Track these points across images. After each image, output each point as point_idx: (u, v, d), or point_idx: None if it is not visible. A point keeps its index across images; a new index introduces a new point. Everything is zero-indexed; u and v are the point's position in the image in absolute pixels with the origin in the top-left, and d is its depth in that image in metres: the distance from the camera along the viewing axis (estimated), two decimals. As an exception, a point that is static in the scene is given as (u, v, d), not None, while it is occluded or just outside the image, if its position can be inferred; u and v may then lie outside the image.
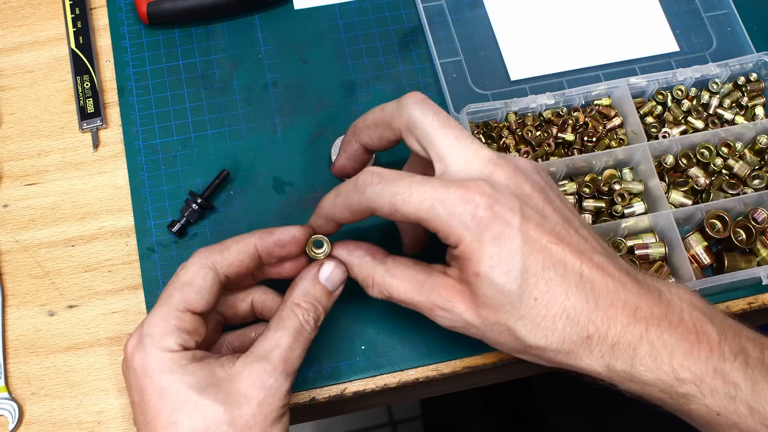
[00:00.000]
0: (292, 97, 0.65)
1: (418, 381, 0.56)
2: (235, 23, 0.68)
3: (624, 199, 0.60)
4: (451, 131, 0.45)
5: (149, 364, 0.43)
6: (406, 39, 0.68)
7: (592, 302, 0.42)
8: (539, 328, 0.43)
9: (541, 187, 0.45)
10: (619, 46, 0.68)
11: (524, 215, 0.42)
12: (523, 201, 0.43)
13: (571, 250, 0.43)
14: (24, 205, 0.61)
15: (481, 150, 0.44)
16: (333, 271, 0.49)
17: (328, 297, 0.49)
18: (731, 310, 0.59)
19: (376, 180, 0.45)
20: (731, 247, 0.59)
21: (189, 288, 0.46)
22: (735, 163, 0.61)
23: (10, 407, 0.55)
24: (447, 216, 0.42)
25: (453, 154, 0.44)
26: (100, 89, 0.65)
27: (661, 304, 0.44)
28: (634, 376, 0.43)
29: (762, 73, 0.65)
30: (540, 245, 0.42)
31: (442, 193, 0.42)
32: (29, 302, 0.58)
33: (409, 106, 0.46)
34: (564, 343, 0.43)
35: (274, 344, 0.45)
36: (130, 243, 0.60)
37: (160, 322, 0.45)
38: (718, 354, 0.43)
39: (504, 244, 0.42)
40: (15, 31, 0.68)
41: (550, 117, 0.63)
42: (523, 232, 0.42)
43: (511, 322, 0.43)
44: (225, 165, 0.62)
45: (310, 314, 0.47)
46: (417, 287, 0.46)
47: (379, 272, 0.48)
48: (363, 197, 0.45)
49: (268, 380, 0.44)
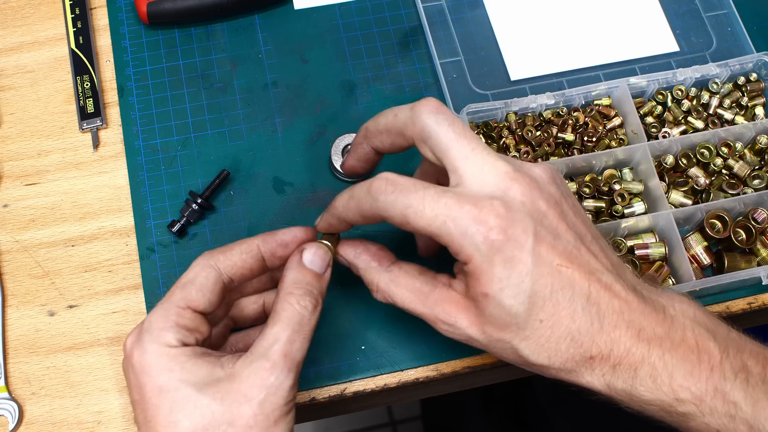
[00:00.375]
0: (292, 97, 0.65)
1: (418, 381, 0.56)
2: (235, 23, 0.68)
3: (624, 199, 0.60)
4: (466, 142, 0.44)
5: (147, 360, 0.43)
6: (406, 39, 0.68)
7: (597, 324, 0.42)
8: (543, 349, 0.43)
9: (556, 201, 0.44)
10: (619, 46, 0.68)
11: (537, 237, 0.42)
12: (538, 220, 0.43)
13: (580, 272, 0.43)
14: (24, 205, 0.61)
15: (498, 162, 0.44)
16: (315, 253, 0.48)
17: (318, 280, 0.48)
18: (731, 310, 0.59)
19: (390, 189, 0.44)
20: (731, 247, 0.59)
21: (190, 286, 0.46)
22: (735, 163, 0.61)
23: (10, 407, 0.55)
24: (459, 235, 0.42)
25: (468, 166, 0.44)
26: (100, 89, 0.65)
27: (664, 322, 0.44)
28: (634, 396, 0.43)
29: (762, 73, 0.65)
30: (550, 268, 0.42)
31: (455, 210, 0.42)
32: (29, 302, 0.58)
33: (424, 114, 0.45)
34: (567, 363, 0.43)
35: (273, 340, 0.44)
36: (130, 243, 0.60)
37: (160, 318, 0.44)
38: (719, 373, 0.43)
39: (515, 267, 0.42)
40: (15, 31, 0.68)
41: (550, 117, 0.63)
42: (534, 255, 0.42)
43: (515, 341, 0.43)
44: (225, 165, 0.62)
45: (306, 299, 0.46)
46: (421, 299, 0.46)
47: (384, 280, 0.48)
48: (375, 205, 0.45)
49: (269, 378, 0.43)
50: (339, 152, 0.62)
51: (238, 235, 0.60)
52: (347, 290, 0.58)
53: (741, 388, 0.43)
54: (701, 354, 0.43)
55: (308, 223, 0.60)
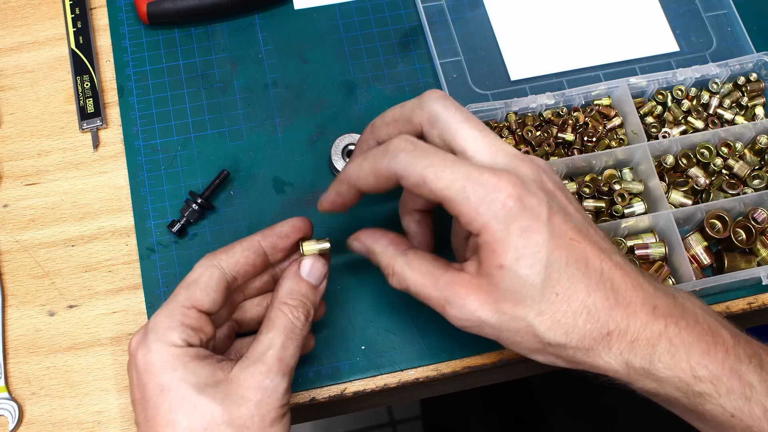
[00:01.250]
0: (292, 97, 0.65)
1: (418, 381, 0.56)
2: (235, 23, 0.68)
3: (624, 199, 0.60)
4: (475, 124, 0.45)
5: (151, 359, 0.44)
6: (406, 39, 0.68)
7: (612, 299, 0.42)
8: (559, 324, 0.42)
9: (561, 187, 0.45)
10: (619, 46, 0.68)
11: (551, 209, 0.42)
12: (550, 196, 0.43)
13: (593, 248, 0.43)
14: (24, 205, 0.61)
15: (505, 146, 0.45)
16: (313, 265, 0.49)
17: (313, 292, 0.49)
18: (731, 310, 0.59)
19: (410, 147, 0.44)
20: (731, 247, 0.59)
21: (195, 286, 0.46)
22: (735, 163, 0.61)
23: (10, 407, 0.55)
24: (476, 201, 0.42)
25: (478, 146, 0.44)
26: (100, 89, 0.65)
27: (676, 305, 0.44)
28: (652, 373, 0.43)
29: (762, 73, 0.65)
30: (564, 241, 0.42)
31: (475, 176, 0.42)
32: (29, 302, 0.58)
33: (431, 100, 0.46)
34: (584, 340, 0.43)
35: (267, 345, 0.45)
36: (130, 243, 0.60)
37: (165, 318, 0.45)
38: (734, 355, 0.43)
39: (531, 236, 0.42)
40: (15, 31, 0.68)
41: (550, 117, 0.63)
42: (550, 226, 0.42)
43: (531, 316, 0.42)
44: (225, 165, 0.62)
45: (299, 311, 0.47)
46: (433, 282, 0.46)
47: (399, 263, 0.47)
48: (394, 162, 0.44)
49: (265, 381, 0.44)
50: (339, 152, 0.62)
51: (239, 235, 0.60)
52: (347, 290, 0.58)
53: (755, 371, 0.43)
54: (716, 336, 0.43)
55: (308, 223, 0.61)
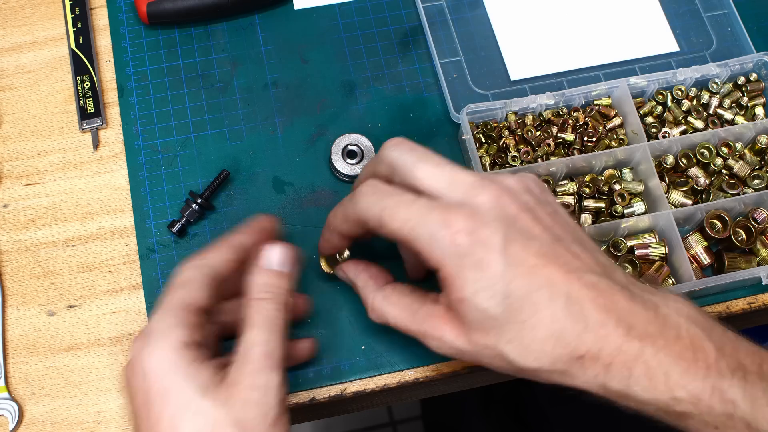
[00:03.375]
0: (292, 97, 0.65)
1: (418, 381, 0.56)
2: (235, 23, 0.68)
3: (624, 199, 0.60)
4: (429, 160, 0.45)
5: (155, 361, 0.43)
6: (406, 39, 0.68)
7: (581, 323, 0.42)
8: (528, 351, 0.42)
9: (530, 207, 0.44)
10: (619, 46, 0.68)
11: (507, 238, 0.42)
12: (508, 224, 0.43)
13: (558, 270, 0.42)
14: (24, 205, 0.61)
15: (462, 174, 0.44)
16: (271, 252, 0.48)
17: (281, 278, 0.48)
18: (731, 310, 0.59)
19: (370, 191, 0.46)
20: (731, 247, 0.59)
21: (186, 285, 0.46)
22: (735, 163, 0.61)
23: (10, 407, 0.55)
24: (427, 239, 0.43)
25: (435, 182, 0.45)
26: (100, 89, 0.65)
27: (656, 320, 0.43)
28: (630, 396, 0.43)
29: (762, 73, 0.65)
30: (525, 269, 0.42)
31: (424, 214, 0.43)
32: (29, 302, 0.58)
33: (387, 149, 0.47)
34: (556, 364, 0.42)
35: (251, 344, 0.45)
36: (130, 243, 0.60)
37: (163, 320, 0.45)
38: (715, 371, 0.42)
39: (486, 269, 0.42)
40: (15, 31, 0.68)
41: (550, 117, 0.63)
42: (506, 256, 0.42)
43: (500, 345, 0.43)
44: (225, 165, 0.62)
45: (272, 302, 0.46)
46: (410, 316, 0.47)
47: (378, 299, 0.49)
48: (357, 207, 0.46)
49: (257, 379, 0.44)
50: (339, 152, 0.62)
51: (238, 235, 0.60)
52: (347, 290, 0.58)
53: (739, 386, 0.42)
54: (697, 352, 0.42)
55: (308, 222, 0.61)
